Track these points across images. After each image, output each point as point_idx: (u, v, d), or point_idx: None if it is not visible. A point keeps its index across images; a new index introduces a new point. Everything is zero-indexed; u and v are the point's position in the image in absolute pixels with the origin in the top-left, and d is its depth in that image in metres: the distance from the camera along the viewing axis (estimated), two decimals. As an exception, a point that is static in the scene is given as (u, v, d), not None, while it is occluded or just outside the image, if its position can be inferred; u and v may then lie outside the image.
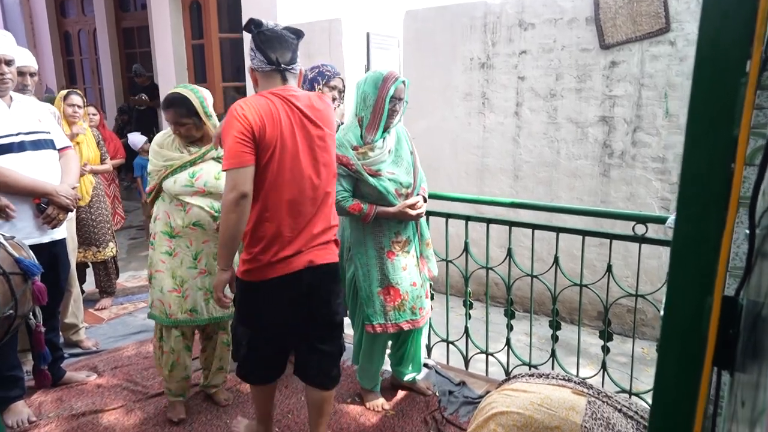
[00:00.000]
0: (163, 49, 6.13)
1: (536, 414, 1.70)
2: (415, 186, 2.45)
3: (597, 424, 1.63)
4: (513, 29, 4.41)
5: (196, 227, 2.40)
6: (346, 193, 2.36)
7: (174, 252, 2.42)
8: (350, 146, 2.34)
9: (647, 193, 4.03)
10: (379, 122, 2.31)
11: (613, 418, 1.66)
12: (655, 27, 3.81)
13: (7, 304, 1.94)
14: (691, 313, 0.63)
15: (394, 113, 2.34)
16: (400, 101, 2.35)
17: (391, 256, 2.42)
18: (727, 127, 0.56)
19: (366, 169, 2.32)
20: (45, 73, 8.60)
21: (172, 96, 2.38)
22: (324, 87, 2.78)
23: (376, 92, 2.29)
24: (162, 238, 2.43)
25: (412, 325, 2.48)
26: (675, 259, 0.64)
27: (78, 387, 2.82)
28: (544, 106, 4.36)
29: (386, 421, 2.53)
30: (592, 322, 4.32)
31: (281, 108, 1.89)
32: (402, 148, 2.45)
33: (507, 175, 4.63)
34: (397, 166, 2.40)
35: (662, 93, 3.88)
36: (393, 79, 2.29)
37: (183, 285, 2.43)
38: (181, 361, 2.50)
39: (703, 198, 0.60)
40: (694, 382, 0.64)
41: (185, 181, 2.37)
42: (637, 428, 1.68)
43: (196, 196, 2.38)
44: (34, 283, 2.07)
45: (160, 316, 2.46)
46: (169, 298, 2.43)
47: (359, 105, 2.36)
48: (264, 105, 1.87)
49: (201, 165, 2.41)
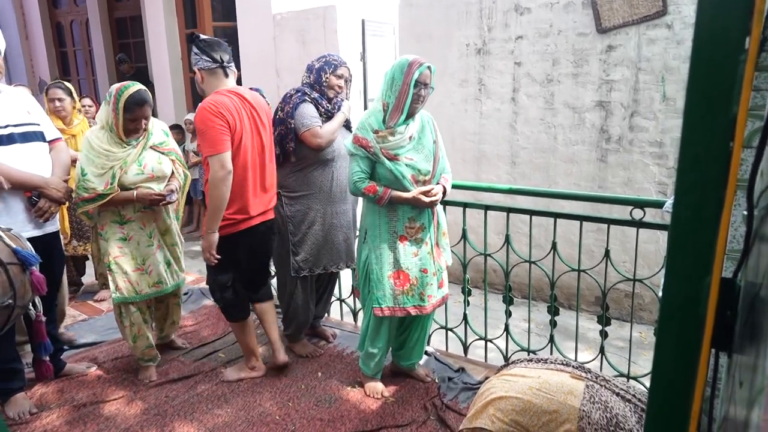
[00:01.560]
0: (156, 38, 6.07)
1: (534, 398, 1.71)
2: (434, 174, 2.45)
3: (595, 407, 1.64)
4: (509, 14, 4.38)
5: (147, 210, 2.69)
6: (363, 174, 2.39)
7: (128, 236, 2.67)
8: (371, 129, 2.37)
9: (644, 177, 4.03)
10: (403, 107, 2.34)
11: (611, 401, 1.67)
12: (652, 10, 3.79)
13: (6, 294, 1.98)
14: (690, 296, 0.63)
15: (419, 98, 2.36)
16: (426, 87, 2.36)
17: (404, 241, 2.44)
18: (726, 106, 0.55)
19: (384, 152, 2.35)
20: (38, 65, 8.52)
21: (142, 95, 2.55)
22: (331, 75, 2.80)
23: (402, 77, 2.32)
24: (113, 227, 2.64)
25: (419, 310, 2.49)
26: (673, 241, 0.64)
27: (79, 378, 2.83)
28: (540, 91, 4.34)
29: (386, 408, 2.54)
30: (590, 307, 4.33)
31: (239, 104, 2.46)
32: (425, 136, 2.46)
33: (504, 161, 4.62)
34: (417, 153, 2.42)
35: (659, 77, 3.86)
36: (418, 64, 2.31)
37: (145, 263, 2.71)
38: (142, 332, 2.76)
39: (702, 179, 0.59)
40: (693, 364, 0.64)
41: (136, 170, 2.60)
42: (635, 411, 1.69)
43: (146, 182, 2.63)
44: (32, 273, 2.10)
45: (129, 296, 2.68)
46: (135, 277, 2.68)
47: (386, 90, 2.38)
48: (229, 102, 2.42)
49: (143, 153, 2.63)
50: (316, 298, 3.13)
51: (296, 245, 2.87)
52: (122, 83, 2.57)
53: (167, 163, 2.71)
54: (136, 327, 2.74)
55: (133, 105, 2.51)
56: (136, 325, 2.74)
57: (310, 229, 2.85)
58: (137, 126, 2.57)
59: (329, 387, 2.72)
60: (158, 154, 2.67)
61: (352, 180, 2.41)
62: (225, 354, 3.09)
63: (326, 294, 3.23)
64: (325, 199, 2.85)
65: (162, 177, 2.68)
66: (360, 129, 2.40)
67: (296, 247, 2.87)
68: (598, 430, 1.60)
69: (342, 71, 2.85)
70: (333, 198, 2.86)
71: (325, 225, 2.87)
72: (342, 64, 2.87)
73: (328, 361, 2.98)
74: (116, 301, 2.70)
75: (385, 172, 2.37)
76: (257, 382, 2.79)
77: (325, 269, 2.93)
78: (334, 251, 2.92)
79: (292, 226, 2.86)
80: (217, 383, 2.78)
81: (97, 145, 2.54)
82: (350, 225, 2.97)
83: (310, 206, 2.84)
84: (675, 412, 0.66)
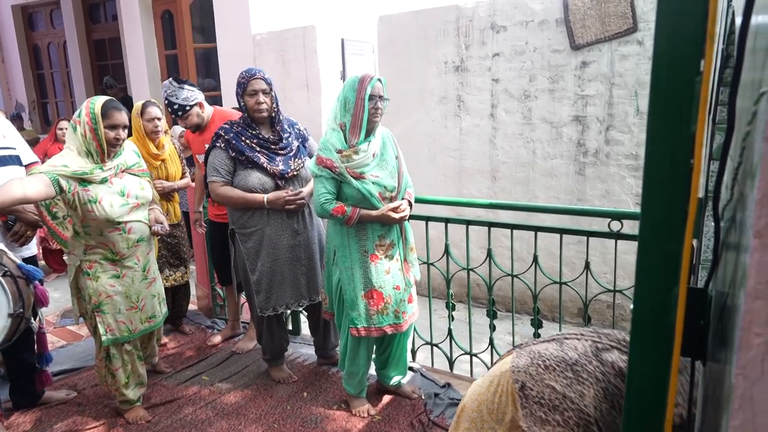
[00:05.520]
0: (135, 60, 6.06)
1: (482, 393, 1.71)
2: (400, 190, 2.45)
3: (523, 358, 1.63)
4: (485, 32, 4.47)
5: (140, 243, 2.47)
6: (330, 195, 2.36)
7: (122, 274, 2.45)
8: (334, 149, 2.34)
9: (622, 190, 4.10)
10: (361, 124, 2.32)
11: (541, 347, 1.66)
12: (623, 27, 3.90)
13: (17, 304, 2.17)
14: (659, 306, 0.65)
15: (377, 111, 2.36)
16: (381, 99, 2.36)
17: (375, 259, 2.42)
18: (685, 125, 0.58)
19: (349, 172, 2.33)
20: (14, 87, 8.43)
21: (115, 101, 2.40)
22: (245, 97, 2.64)
23: (355, 95, 2.31)
24: (104, 265, 2.41)
25: (395, 329, 2.49)
26: (641, 254, 0.66)
27: (58, 406, 2.76)
28: (518, 107, 4.42)
29: (373, 426, 2.53)
30: (573, 318, 4.37)
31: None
32: (387, 152, 2.46)
33: (485, 176, 4.67)
34: (381, 170, 2.41)
35: (632, 91, 3.96)
36: (369, 78, 2.32)
37: (139, 299, 2.52)
38: (135, 369, 2.62)
39: (665, 194, 0.62)
40: (665, 373, 0.66)
41: (121, 201, 2.37)
42: (568, 348, 1.65)
43: (132, 212, 2.41)
44: (35, 287, 2.28)
45: (122, 336, 2.49)
46: (128, 316, 2.49)
47: (341, 111, 2.36)
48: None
49: (121, 182, 2.40)
50: (312, 328, 3.07)
51: (256, 284, 2.72)
52: (88, 99, 2.40)
53: (148, 189, 2.52)
54: (130, 365, 2.58)
55: (109, 109, 2.32)
56: (131, 363, 2.58)
57: (265, 266, 2.69)
58: (117, 135, 2.33)
59: (315, 407, 2.70)
60: (137, 179, 2.49)
61: (319, 202, 2.34)
62: (208, 377, 3.04)
63: (324, 323, 2.99)
64: (276, 233, 2.68)
65: (146, 203, 2.50)
66: (323, 150, 2.35)
67: (257, 285, 2.72)
68: (528, 369, 1.58)
69: (253, 86, 2.59)
70: (286, 232, 2.69)
71: (281, 260, 2.70)
72: (251, 77, 2.60)
73: (314, 381, 2.96)
74: (106, 344, 2.45)
75: (352, 191, 2.35)
76: (242, 404, 2.75)
77: (288, 307, 2.78)
78: (294, 288, 2.76)
79: (249, 264, 2.72)
80: (201, 407, 2.74)
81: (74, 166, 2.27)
82: (312, 255, 2.78)
83: (262, 242, 2.68)
84: (650, 419, 0.68)
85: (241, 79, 2.63)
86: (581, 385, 1.49)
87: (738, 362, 0.51)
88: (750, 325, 0.50)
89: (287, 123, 2.76)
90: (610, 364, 1.54)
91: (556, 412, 1.48)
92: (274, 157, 2.65)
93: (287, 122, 2.77)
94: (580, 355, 1.57)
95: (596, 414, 1.45)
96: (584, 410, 1.46)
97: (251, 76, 2.60)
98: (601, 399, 1.47)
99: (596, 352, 1.59)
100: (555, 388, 1.50)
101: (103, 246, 2.38)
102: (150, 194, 2.54)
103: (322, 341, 3.06)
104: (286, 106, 4.63)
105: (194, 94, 3.10)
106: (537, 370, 1.56)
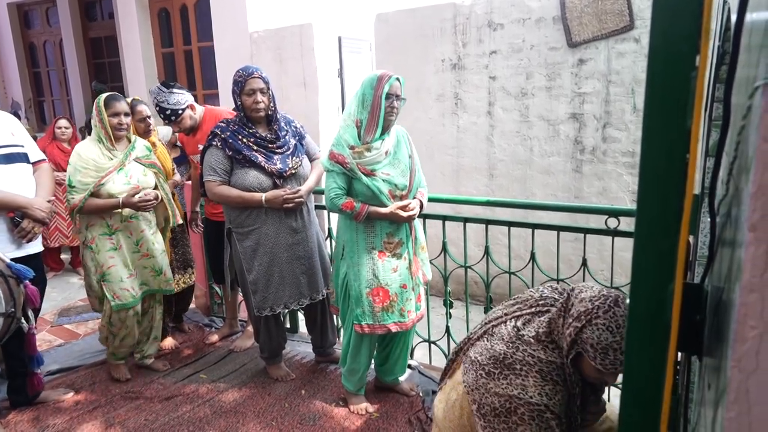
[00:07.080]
0: (132, 58, 6.05)
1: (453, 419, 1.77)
2: (411, 189, 2.45)
3: (470, 374, 1.65)
4: (482, 30, 4.47)
5: (133, 220, 2.84)
6: (340, 190, 2.38)
7: (118, 245, 2.83)
8: (347, 145, 2.35)
9: (618, 187, 4.11)
10: (377, 122, 2.33)
11: (476, 352, 1.66)
12: (620, 25, 3.90)
13: (8, 303, 2.18)
14: (655, 302, 0.65)
15: (393, 110, 2.36)
16: (397, 98, 2.37)
17: (382, 256, 2.42)
18: (681, 120, 0.58)
19: (360, 168, 2.34)
20: (11, 86, 8.40)
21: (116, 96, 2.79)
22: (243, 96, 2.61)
23: (373, 92, 2.32)
24: (102, 239, 2.79)
25: (399, 327, 2.48)
26: (637, 250, 0.67)
27: (55, 405, 2.76)
28: (515, 104, 4.42)
29: (371, 424, 2.53)
30: (571, 315, 4.38)
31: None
32: (401, 151, 2.47)
33: (482, 174, 4.68)
34: (393, 168, 2.41)
35: (629, 89, 3.97)
36: (387, 77, 2.32)
37: (133, 268, 2.89)
38: (132, 332, 2.94)
39: (661, 190, 0.62)
40: (661, 368, 0.66)
41: (123, 180, 2.76)
42: (497, 341, 1.65)
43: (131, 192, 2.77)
44: (26, 286, 2.29)
45: (128, 301, 2.83)
46: (130, 283, 2.85)
47: (358, 107, 2.37)
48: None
49: (128, 167, 2.80)
50: (309, 326, 3.06)
51: (253, 284, 2.69)
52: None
53: (151, 176, 2.88)
54: (129, 329, 2.90)
55: (110, 100, 2.72)
56: (130, 327, 2.90)
57: (262, 266, 2.66)
58: (120, 122, 2.72)
59: (313, 405, 2.70)
60: (142, 167, 2.85)
61: (329, 197, 2.38)
62: (206, 375, 3.05)
63: (321, 321, 2.99)
64: (274, 232, 2.65)
65: (146, 188, 2.84)
66: (336, 145, 2.38)
67: (253, 285, 2.70)
68: (477, 383, 1.59)
69: (251, 85, 2.56)
70: (284, 230, 2.67)
71: (279, 260, 2.67)
72: (248, 76, 2.57)
73: (312, 378, 2.96)
74: (116, 309, 2.80)
75: (362, 187, 2.36)
76: (240, 402, 2.75)
77: (286, 307, 2.74)
78: (295, 287, 2.73)
79: (246, 264, 2.69)
80: (199, 405, 2.74)
81: (85, 155, 2.70)
82: (311, 254, 2.76)
83: (259, 241, 2.65)
84: (646, 415, 0.68)
85: (238, 78, 2.60)
86: (519, 378, 1.51)
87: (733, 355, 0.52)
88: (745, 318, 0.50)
89: (284, 121, 2.75)
90: (533, 339, 1.56)
91: (512, 414, 1.50)
92: (272, 155, 2.64)
93: (284, 120, 2.75)
94: (507, 344, 1.59)
95: (543, 400, 1.47)
96: (531, 402, 1.48)
97: (249, 75, 2.58)
98: (541, 383, 1.49)
99: (518, 333, 1.61)
100: (500, 393, 1.52)
101: (100, 220, 2.75)
102: (151, 182, 2.88)
103: (319, 339, 3.06)
104: (283, 104, 4.63)
105: (184, 97, 3.05)
106: (481, 381, 1.59)
